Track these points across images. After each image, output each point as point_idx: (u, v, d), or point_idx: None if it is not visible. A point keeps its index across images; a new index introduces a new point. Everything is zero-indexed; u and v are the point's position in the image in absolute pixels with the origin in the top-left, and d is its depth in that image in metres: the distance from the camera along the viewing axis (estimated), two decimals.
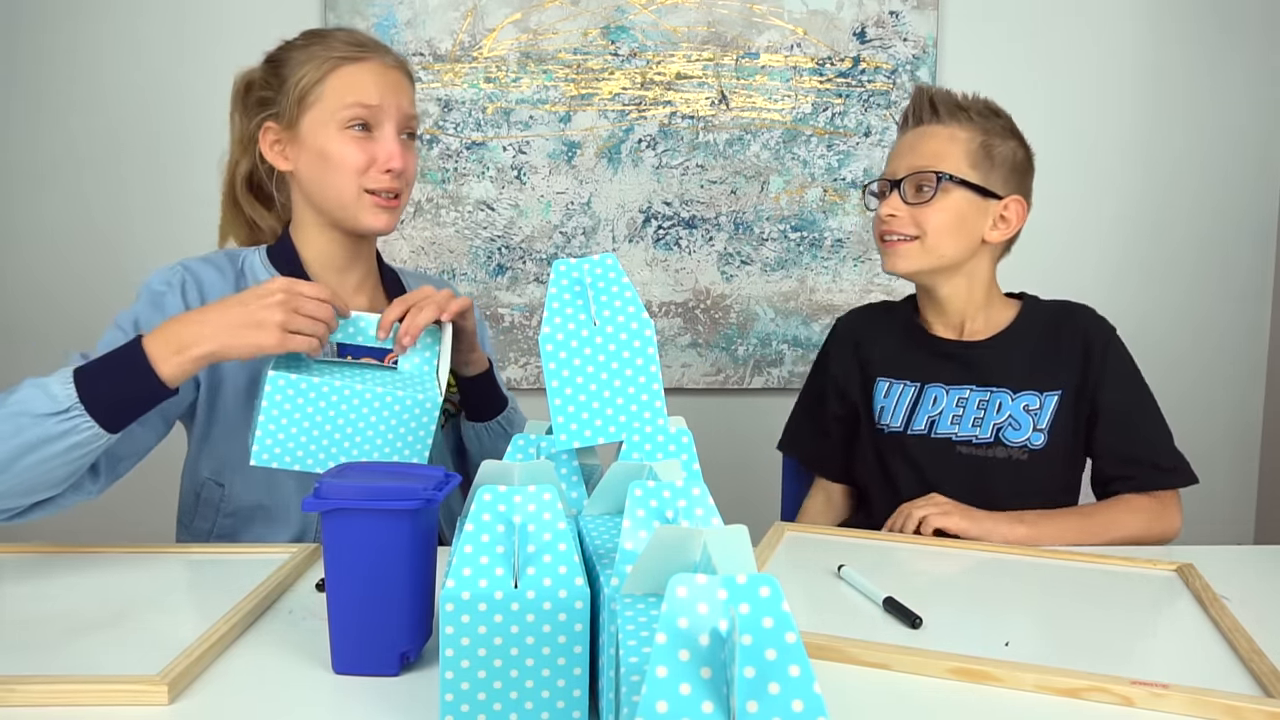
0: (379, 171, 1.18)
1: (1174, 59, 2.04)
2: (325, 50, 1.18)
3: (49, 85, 1.97)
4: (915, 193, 1.27)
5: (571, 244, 2.04)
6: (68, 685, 0.73)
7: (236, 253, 1.24)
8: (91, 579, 0.99)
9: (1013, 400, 1.28)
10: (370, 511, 0.76)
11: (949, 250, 1.28)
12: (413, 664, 0.80)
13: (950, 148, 1.27)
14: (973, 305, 1.33)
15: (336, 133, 1.17)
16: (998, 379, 1.30)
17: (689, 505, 0.70)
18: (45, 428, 0.93)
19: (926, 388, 1.34)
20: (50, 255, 2.01)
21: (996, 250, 1.33)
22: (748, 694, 0.46)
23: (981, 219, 1.28)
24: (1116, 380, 1.28)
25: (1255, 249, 2.08)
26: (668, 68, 2.01)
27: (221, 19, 1.96)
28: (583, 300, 0.92)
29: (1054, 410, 1.28)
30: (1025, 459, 1.27)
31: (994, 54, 2.03)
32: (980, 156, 1.27)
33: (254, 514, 1.19)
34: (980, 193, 1.27)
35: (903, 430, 1.34)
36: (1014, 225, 1.30)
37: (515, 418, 1.30)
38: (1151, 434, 1.29)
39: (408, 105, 1.22)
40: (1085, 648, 0.84)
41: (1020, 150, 1.31)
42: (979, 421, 1.29)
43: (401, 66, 1.24)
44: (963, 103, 1.30)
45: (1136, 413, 1.29)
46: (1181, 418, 2.13)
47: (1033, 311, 1.34)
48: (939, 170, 1.26)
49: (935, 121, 1.29)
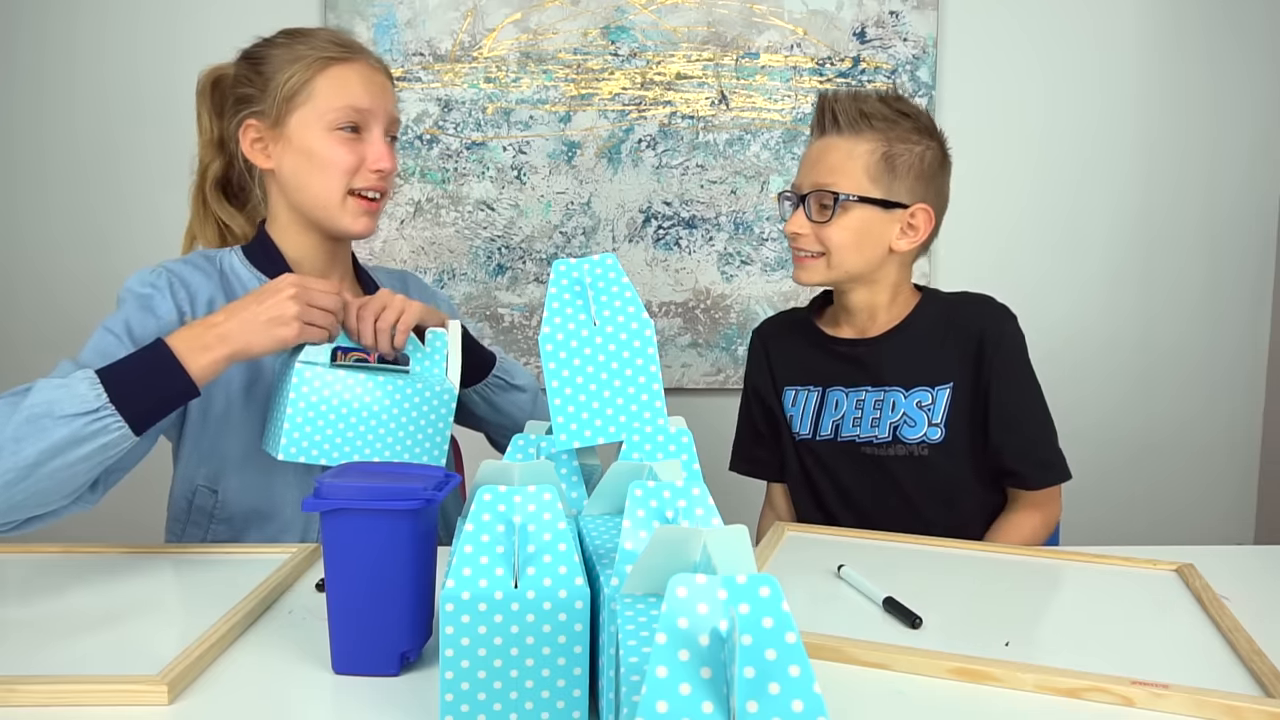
0: (368, 170, 1.19)
1: (1175, 58, 2.04)
2: (312, 50, 1.18)
3: (46, 87, 1.97)
4: (818, 210, 1.25)
5: (571, 244, 2.04)
6: (68, 685, 0.73)
7: (213, 253, 1.23)
8: (92, 579, 0.99)
9: (905, 398, 1.28)
10: (370, 511, 0.76)
11: (853, 265, 1.27)
12: (413, 664, 0.80)
13: (849, 163, 1.24)
14: (878, 307, 1.33)
15: (325, 133, 1.17)
16: (890, 377, 1.30)
17: (689, 505, 0.70)
18: (74, 428, 0.91)
19: (828, 392, 1.34)
20: (48, 257, 2.01)
21: (908, 255, 1.31)
22: (748, 694, 0.46)
23: (887, 229, 1.26)
24: (1008, 375, 1.27)
25: (1255, 249, 2.08)
26: (668, 68, 2.01)
27: (221, 20, 1.96)
28: (583, 300, 0.92)
29: (947, 402, 1.27)
30: (926, 454, 1.28)
31: (994, 54, 2.03)
32: (881, 169, 1.24)
33: (249, 519, 1.18)
34: (883, 205, 1.25)
35: (811, 437, 1.35)
36: (922, 232, 1.27)
37: (511, 366, 1.30)
38: (1038, 431, 1.29)
39: (393, 108, 1.23)
40: (1085, 648, 0.84)
41: (929, 152, 1.27)
42: (876, 422, 1.30)
43: (384, 69, 1.25)
44: (868, 109, 1.25)
45: (1026, 409, 1.29)
46: (1182, 417, 2.14)
47: (927, 305, 1.33)
48: (836, 190, 1.24)
49: (836, 133, 1.26)
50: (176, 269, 1.18)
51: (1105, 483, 2.10)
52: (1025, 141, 2.05)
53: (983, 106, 2.03)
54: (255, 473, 1.17)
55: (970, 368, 1.28)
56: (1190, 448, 2.13)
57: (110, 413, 0.93)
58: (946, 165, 1.30)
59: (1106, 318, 2.09)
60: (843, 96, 1.27)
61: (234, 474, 1.17)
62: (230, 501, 1.18)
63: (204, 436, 1.17)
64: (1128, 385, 2.11)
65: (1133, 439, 2.11)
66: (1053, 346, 2.08)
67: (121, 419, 0.93)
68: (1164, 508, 2.13)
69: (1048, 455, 1.28)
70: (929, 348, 1.30)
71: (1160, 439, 2.12)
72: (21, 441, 0.91)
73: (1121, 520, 2.11)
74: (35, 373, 1.00)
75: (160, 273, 1.16)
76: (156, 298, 1.13)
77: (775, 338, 1.42)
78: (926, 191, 1.27)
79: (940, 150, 1.29)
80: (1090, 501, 2.04)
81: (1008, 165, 2.05)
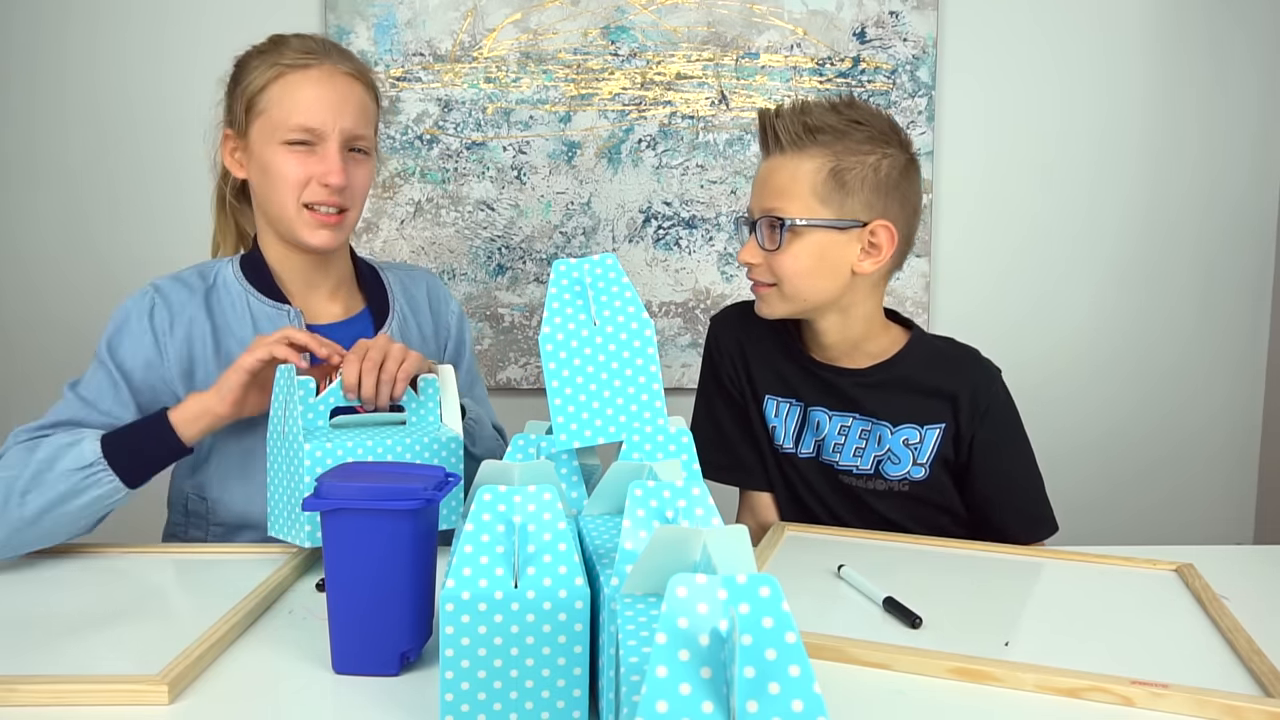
0: (317, 184, 1.15)
1: (1177, 58, 2.04)
2: (275, 57, 1.16)
3: (42, 92, 1.97)
4: (768, 237, 1.15)
5: (571, 244, 2.04)
6: (68, 685, 0.73)
7: (210, 266, 1.23)
8: (92, 579, 0.99)
9: (892, 434, 1.21)
10: (370, 511, 0.76)
11: (811, 294, 1.17)
12: (413, 664, 0.80)
13: (794, 185, 1.14)
14: (849, 340, 1.22)
15: (277, 146, 1.15)
16: (877, 411, 1.22)
17: (689, 505, 0.70)
18: (73, 482, 1.02)
19: (810, 410, 1.25)
20: (43, 263, 2.00)
21: (876, 278, 1.19)
22: (748, 694, 0.46)
23: (846, 252, 1.15)
24: (995, 439, 1.21)
25: (1255, 249, 2.08)
26: (668, 68, 2.01)
27: (220, 19, 1.96)
28: (583, 300, 0.92)
29: (936, 443, 1.21)
30: (907, 490, 1.23)
31: (994, 54, 2.03)
32: (831, 187, 1.13)
33: (242, 526, 1.18)
34: (837, 227, 1.15)
35: (794, 451, 1.27)
36: (886, 250, 1.16)
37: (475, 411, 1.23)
38: (1026, 492, 1.23)
39: (352, 121, 1.16)
40: (1085, 648, 0.84)
41: (887, 161, 1.15)
42: (860, 452, 1.23)
43: (357, 74, 1.19)
44: (813, 121, 1.14)
45: (1015, 473, 1.23)
46: (1182, 418, 2.14)
47: (917, 346, 1.24)
48: (782, 216, 1.14)
49: (780, 152, 1.15)
50: (164, 287, 1.19)
51: (1105, 483, 2.10)
52: (1025, 141, 2.05)
53: (983, 106, 2.03)
54: (239, 482, 1.17)
55: (956, 421, 1.21)
56: (1190, 448, 2.13)
57: (104, 468, 1.03)
58: (911, 173, 1.19)
59: (1106, 317, 2.09)
60: (785, 111, 1.16)
61: (219, 486, 1.18)
62: (220, 510, 1.18)
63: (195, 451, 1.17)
64: (1127, 385, 2.11)
65: (1133, 439, 2.11)
66: (1053, 346, 2.08)
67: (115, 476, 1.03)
68: (1164, 508, 2.12)
69: (1036, 512, 1.22)
70: (920, 389, 1.21)
71: (1160, 439, 2.12)
72: (27, 495, 1.01)
73: (1121, 520, 2.11)
74: (29, 381, 1.02)
75: (147, 294, 1.18)
76: (134, 322, 1.16)
77: (750, 341, 1.30)
78: (887, 205, 1.15)
79: (901, 157, 1.17)
80: (1090, 501, 2.04)
81: (1007, 165, 2.05)
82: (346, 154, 1.17)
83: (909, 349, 1.23)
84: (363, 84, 1.20)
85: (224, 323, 1.19)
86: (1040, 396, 2.06)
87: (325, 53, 1.17)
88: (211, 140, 1.26)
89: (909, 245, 1.21)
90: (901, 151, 1.17)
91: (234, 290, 1.20)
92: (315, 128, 1.14)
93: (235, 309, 1.19)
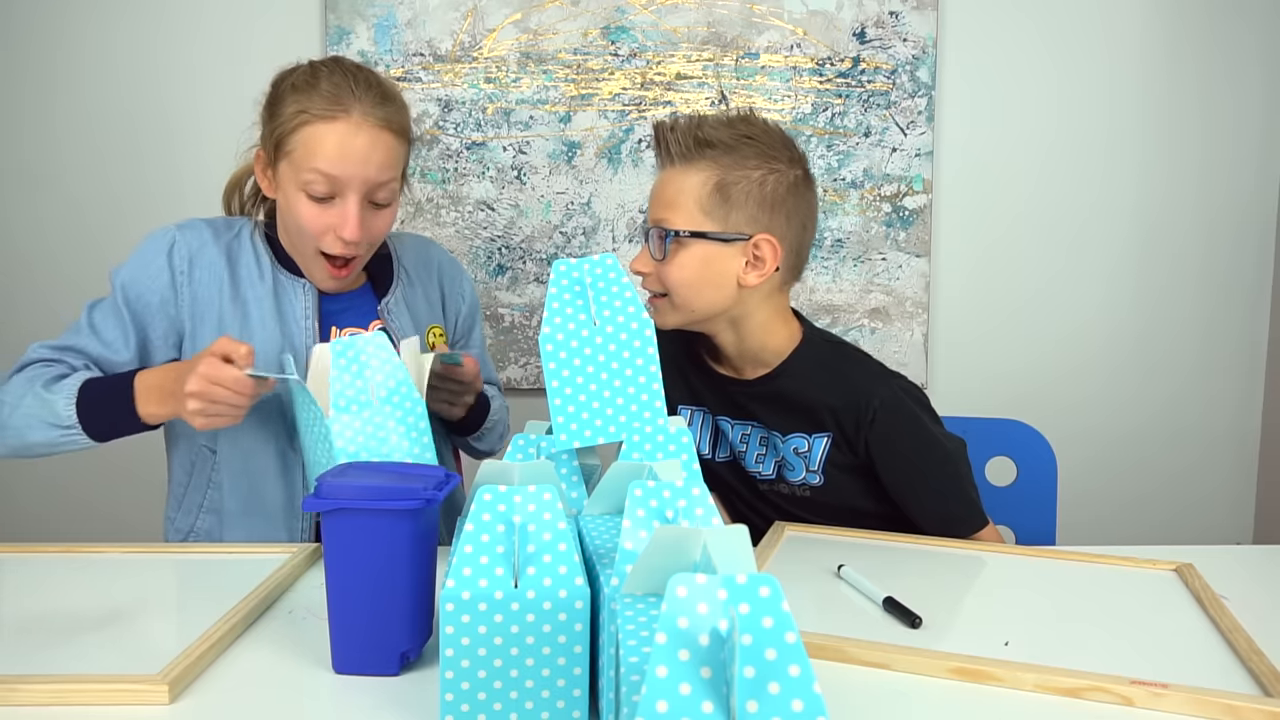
0: (335, 237, 1.16)
1: (1176, 57, 2.04)
2: (304, 101, 1.14)
3: (42, 91, 1.97)
4: (657, 246, 1.17)
5: (571, 244, 2.05)
6: (68, 685, 0.73)
7: (234, 221, 1.27)
8: (92, 579, 0.99)
9: (783, 443, 1.23)
10: (370, 511, 0.76)
11: (699, 305, 1.18)
12: (413, 664, 0.80)
13: (681, 197, 1.16)
14: (748, 351, 1.23)
15: (296, 192, 1.15)
16: (768, 421, 1.24)
17: (689, 505, 0.70)
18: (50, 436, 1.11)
19: (718, 418, 1.28)
20: (44, 263, 2.00)
21: (768, 290, 1.20)
22: (748, 694, 0.46)
23: (730, 264, 1.16)
24: (894, 449, 1.20)
25: (1255, 248, 2.08)
26: (668, 68, 2.01)
27: (219, 20, 1.96)
28: (583, 300, 0.92)
29: (824, 452, 1.21)
30: (809, 495, 1.23)
31: (994, 54, 2.03)
32: (715, 201, 1.15)
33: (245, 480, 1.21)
34: (720, 239, 1.15)
35: (711, 458, 1.29)
36: (770, 264, 1.16)
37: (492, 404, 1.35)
38: (943, 494, 1.21)
39: (377, 171, 1.15)
40: (1085, 648, 0.84)
41: (774, 176, 1.16)
42: (762, 459, 1.25)
43: (385, 122, 1.16)
44: (705, 135, 1.16)
45: (927, 466, 1.21)
46: (1182, 417, 2.14)
47: (806, 351, 1.24)
48: (667, 227, 1.16)
49: (670, 164, 1.18)
50: (189, 229, 1.23)
51: (1105, 482, 2.10)
52: (1025, 141, 2.05)
53: (982, 107, 2.03)
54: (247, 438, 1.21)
55: (841, 430, 1.21)
56: (1189, 447, 2.13)
57: (78, 431, 1.10)
58: (801, 189, 1.19)
59: (1106, 317, 2.09)
60: (680, 124, 1.17)
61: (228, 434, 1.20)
62: (224, 466, 1.21)
63: None
64: (1127, 384, 2.11)
65: (1132, 438, 2.11)
66: (1052, 346, 2.08)
67: (87, 436, 1.11)
68: (1164, 507, 2.12)
69: (959, 511, 1.20)
70: (799, 402, 1.22)
71: (1160, 438, 2.12)
72: (5, 429, 1.12)
73: (1121, 520, 2.11)
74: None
75: (169, 233, 1.22)
76: (154, 259, 1.20)
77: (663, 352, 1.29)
78: (772, 220, 1.16)
79: (790, 174, 1.18)
80: (1090, 501, 2.04)
81: (1007, 165, 2.05)
82: (366, 205, 1.16)
83: (790, 361, 1.23)
84: (391, 131, 1.17)
85: (244, 274, 1.22)
86: (1039, 396, 2.06)
87: (356, 98, 1.14)
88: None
89: (800, 259, 1.22)
90: (791, 168, 1.18)
91: (257, 248, 1.24)
92: (337, 175, 1.13)
93: (255, 267, 1.23)
